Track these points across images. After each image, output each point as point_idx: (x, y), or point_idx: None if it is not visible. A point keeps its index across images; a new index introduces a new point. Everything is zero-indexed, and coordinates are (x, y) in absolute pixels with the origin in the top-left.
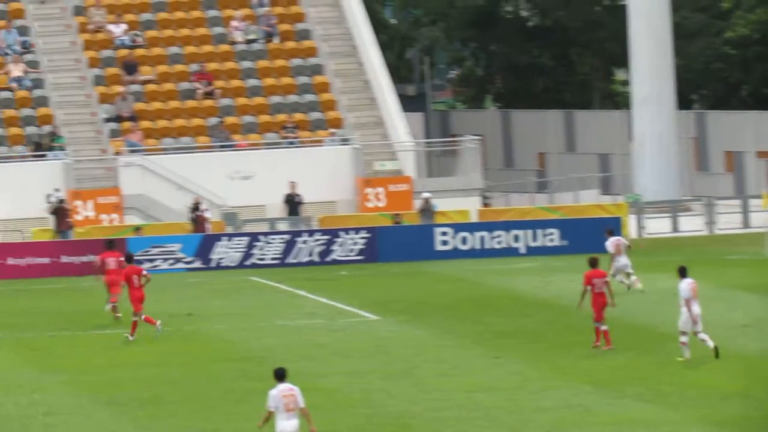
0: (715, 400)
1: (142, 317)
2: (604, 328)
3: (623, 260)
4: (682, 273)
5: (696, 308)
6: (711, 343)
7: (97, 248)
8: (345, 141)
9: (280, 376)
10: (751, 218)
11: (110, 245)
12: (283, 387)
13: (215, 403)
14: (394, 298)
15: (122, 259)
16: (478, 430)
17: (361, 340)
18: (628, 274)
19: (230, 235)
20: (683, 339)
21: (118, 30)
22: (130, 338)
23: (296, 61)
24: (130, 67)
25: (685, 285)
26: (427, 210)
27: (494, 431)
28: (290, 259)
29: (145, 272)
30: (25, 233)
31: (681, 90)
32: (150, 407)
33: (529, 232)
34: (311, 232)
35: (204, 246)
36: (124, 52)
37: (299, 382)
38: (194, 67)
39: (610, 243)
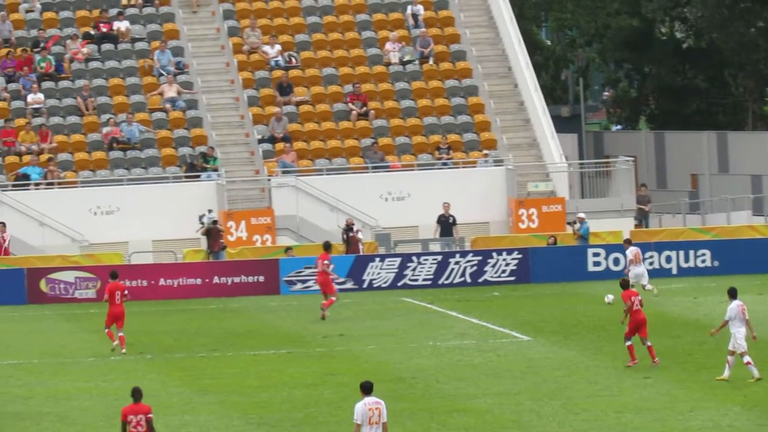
0: None
1: (106, 330)
2: (648, 343)
3: (639, 269)
4: (733, 294)
5: (743, 329)
6: (756, 372)
7: (247, 269)
8: (498, 162)
9: (368, 389)
10: None
11: (326, 248)
12: (369, 400)
13: None
14: (545, 319)
15: (327, 262)
16: None
17: (512, 361)
18: (643, 286)
19: (383, 256)
20: (731, 359)
21: (272, 51)
22: (122, 351)
23: (451, 83)
24: (285, 88)
25: (734, 306)
26: (574, 230)
27: None
28: (442, 280)
29: (126, 292)
30: (177, 254)
31: None
32: (302, 428)
33: (681, 253)
34: (464, 253)
35: (356, 267)
36: (278, 73)
37: (450, 404)
38: (348, 88)
39: (630, 252)
